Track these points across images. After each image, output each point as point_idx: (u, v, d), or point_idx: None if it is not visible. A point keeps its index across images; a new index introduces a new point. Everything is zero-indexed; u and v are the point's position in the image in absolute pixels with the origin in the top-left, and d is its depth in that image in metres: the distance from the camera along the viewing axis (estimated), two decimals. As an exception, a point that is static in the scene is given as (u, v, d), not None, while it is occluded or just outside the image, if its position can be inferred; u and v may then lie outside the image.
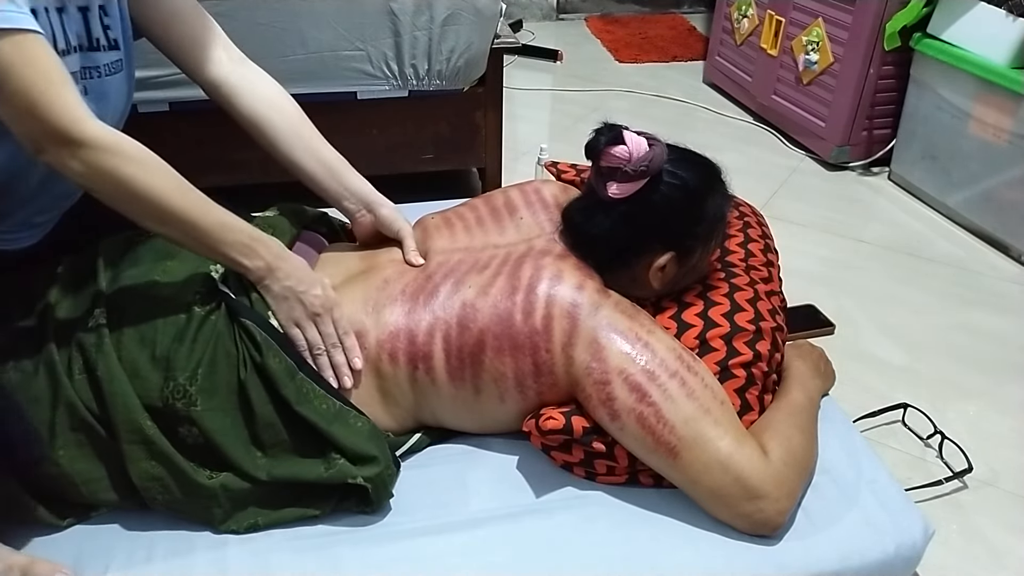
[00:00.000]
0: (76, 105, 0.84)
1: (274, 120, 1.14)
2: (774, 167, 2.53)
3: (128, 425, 0.91)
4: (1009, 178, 2.06)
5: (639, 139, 0.97)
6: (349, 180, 1.17)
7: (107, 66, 1.03)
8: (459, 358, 0.99)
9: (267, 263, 0.97)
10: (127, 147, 0.87)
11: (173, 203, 0.90)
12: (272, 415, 0.95)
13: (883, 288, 1.96)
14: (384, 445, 0.98)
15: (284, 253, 0.99)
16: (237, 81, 1.13)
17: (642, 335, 0.96)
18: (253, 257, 0.96)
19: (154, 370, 0.93)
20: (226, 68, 1.13)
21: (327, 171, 1.16)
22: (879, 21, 2.25)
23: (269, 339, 0.95)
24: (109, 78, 1.04)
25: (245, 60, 1.17)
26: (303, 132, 1.16)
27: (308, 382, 0.96)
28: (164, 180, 0.89)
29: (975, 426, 1.54)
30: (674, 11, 4.09)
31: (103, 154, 0.85)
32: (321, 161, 1.16)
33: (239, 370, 0.94)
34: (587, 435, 0.97)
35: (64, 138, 0.83)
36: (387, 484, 0.96)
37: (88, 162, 0.85)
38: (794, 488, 0.96)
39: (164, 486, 0.92)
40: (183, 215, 0.91)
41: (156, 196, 0.88)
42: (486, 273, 1.02)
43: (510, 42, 1.92)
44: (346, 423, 0.96)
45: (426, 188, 1.94)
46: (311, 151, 1.16)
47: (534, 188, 1.16)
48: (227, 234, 0.94)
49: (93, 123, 0.85)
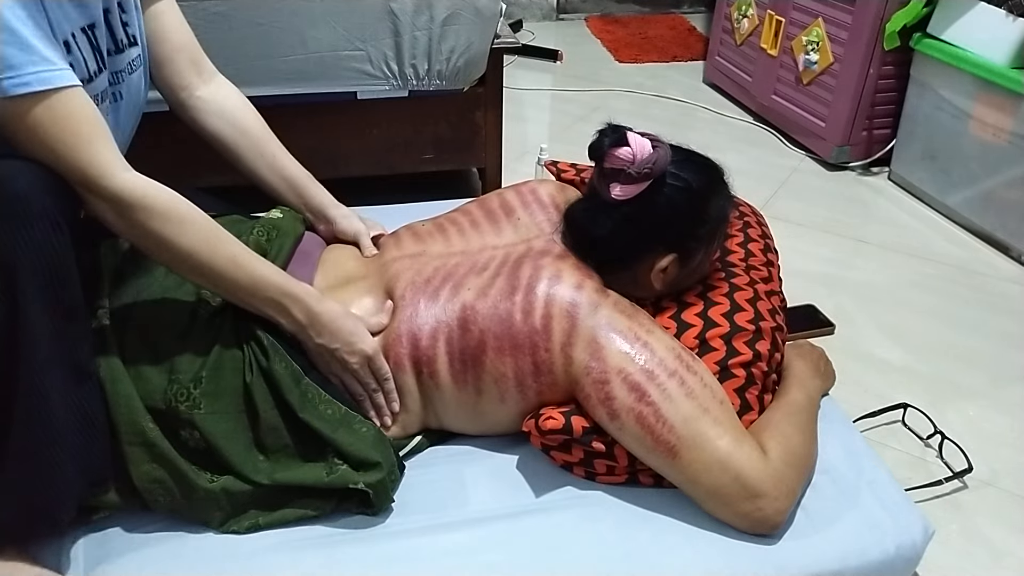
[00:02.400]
0: (108, 162, 0.85)
1: (236, 141, 1.18)
2: (774, 167, 2.53)
3: (130, 427, 0.91)
4: (1009, 178, 2.06)
5: (643, 141, 0.97)
6: (308, 194, 1.22)
7: (130, 64, 1.04)
8: (461, 360, 0.99)
9: (299, 322, 0.97)
10: (156, 202, 0.88)
11: (203, 260, 0.91)
12: (276, 419, 0.95)
13: (883, 288, 1.96)
14: (389, 450, 0.98)
15: (317, 308, 0.97)
16: (203, 106, 1.17)
17: (641, 334, 0.96)
18: (285, 315, 0.96)
19: (157, 372, 0.93)
20: (195, 93, 1.16)
21: (288, 186, 1.21)
22: (879, 21, 2.25)
23: (276, 343, 0.95)
24: (131, 76, 1.05)
25: (214, 76, 1.19)
26: (265, 150, 1.19)
27: (313, 387, 0.96)
28: (193, 237, 0.90)
29: (975, 426, 1.54)
30: (674, 11, 4.09)
31: (132, 210, 0.86)
32: (283, 177, 1.20)
33: (244, 373, 0.94)
34: (587, 435, 0.97)
35: (95, 193, 0.85)
36: (389, 490, 0.96)
37: (119, 215, 0.87)
38: (793, 487, 0.96)
39: (166, 488, 0.92)
40: (212, 272, 0.92)
41: (184, 252, 0.90)
42: (485, 275, 1.02)
43: (510, 42, 1.92)
44: (351, 428, 0.96)
45: (426, 188, 1.95)
46: (273, 168, 1.20)
47: (530, 188, 1.16)
48: (258, 292, 0.94)
49: (122, 178, 0.86)
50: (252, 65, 1.70)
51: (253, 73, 1.71)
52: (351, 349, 0.98)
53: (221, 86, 1.19)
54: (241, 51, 1.68)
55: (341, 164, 1.91)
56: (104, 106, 0.97)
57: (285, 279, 0.97)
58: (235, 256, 0.93)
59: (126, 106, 1.05)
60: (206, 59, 1.18)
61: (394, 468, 0.97)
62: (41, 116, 0.81)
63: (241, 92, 1.22)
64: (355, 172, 1.93)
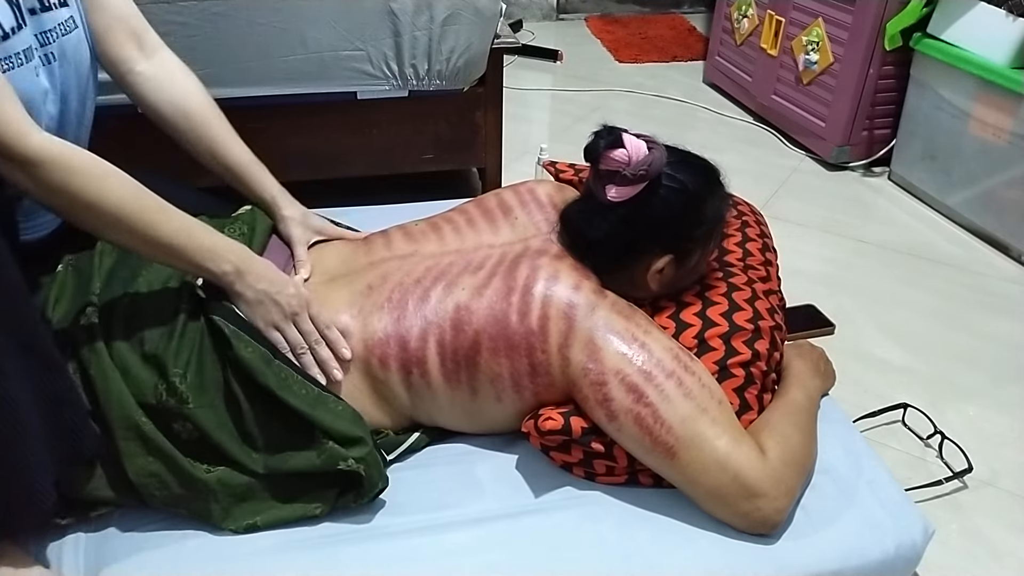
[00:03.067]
0: (16, 121, 0.82)
1: (175, 123, 1.12)
2: (774, 167, 2.53)
3: (123, 422, 0.91)
4: (1009, 178, 2.06)
5: (638, 142, 0.96)
6: (253, 185, 1.16)
7: (61, 25, 0.99)
8: (454, 360, 0.99)
9: (235, 267, 0.96)
10: (74, 159, 0.85)
11: (128, 212, 0.87)
12: (258, 409, 0.95)
13: (883, 288, 1.96)
14: (366, 427, 0.97)
15: (251, 257, 0.98)
16: (143, 82, 1.11)
17: (638, 335, 0.96)
18: (220, 262, 0.95)
19: (145, 368, 0.93)
20: (135, 67, 1.10)
21: (230, 175, 1.16)
22: (879, 21, 2.25)
23: (237, 330, 0.95)
24: (65, 38, 1.00)
25: (158, 51, 1.13)
26: (204, 134, 1.13)
27: (285, 368, 0.96)
28: (117, 190, 0.87)
29: (975, 426, 1.54)
30: (674, 11, 4.09)
31: (50, 170, 0.83)
32: (225, 165, 1.15)
33: (224, 368, 0.95)
34: (586, 435, 0.97)
35: (8, 157, 0.81)
36: (379, 464, 0.95)
37: (37, 178, 0.83)
38: (792, 487, 0.96)
39: (162, 482, 0.92)
40: (140, 225, 0.88)
41: (109, 207, 0.86)
42: (480, 274, 1.01)
43: (510, 42, 1.92)
44: (327, 407, 0.96)
45: (426, 188, 1.94)
46: (211, 154, 1.14)
47: (528, 188, 1.16)
48: (189, 240, 0.92)
49: (36, 138, 0.82)
50: (252, 65, 1.70)
51: (253, 73, 1.71)
52: (286, 291, 0.97)
53: (165, 61, 1.13)
54: (241, 51, 1.68)
55: (341, 164, 1.91)
56: (31, 66, 0.93)
57: (216, 232, 0.96)
58: (163, 207, 0.90)
59: (65, 69, 1.00)
60: (151, 32, 1.12)
61: (375, 445, 0.96)
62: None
63: (191, 71, 1.16)
64: (355, 172, 1.93)
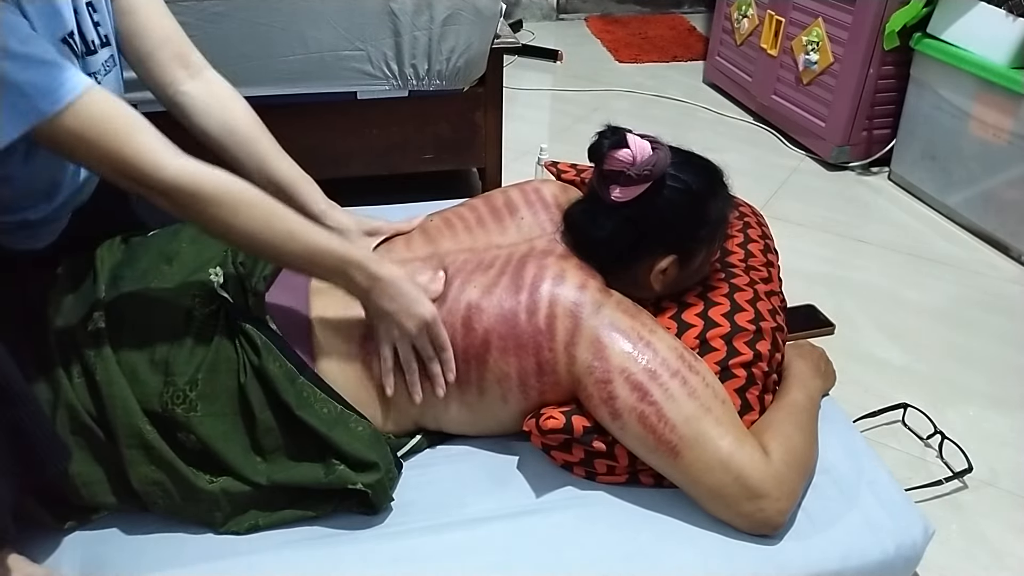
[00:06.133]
0: (151, 151, 0.86)
1: (223, 141, 1.14)
2: (774, 167, 2.53)
3: (128, 430, 0.91)
4: (1009, 178, 2.06)
5: (643, 143, 0.97)
6: (300, 199, 1.16)
7: (104, 65, 1.02)
8: (465, 360, 0.99)
9: (362, 287, 0.97)
10: (207, 189, 0.88)
11: (259, 239, 0.92)
12: (272, 420, 0.95)
13: (883, 288, 1.96)
14: (385, 450, 0.98)
15: (379, 270, 0.97)
16: (189, 102, 1.12)
17: (644, 334, 0.96)
18: (348, 282, 0.96)
19: (153, 374, 0.93)
20: (181, 88, 1.12)
21: (277, 190, 1.15)
22: (879, 21, 2.25)
23: (269, 343, 0.95)
24: (106, 77, 1.03)
25: (203, 71, 1.15)
26: (252, 151, 1.15)
27: (309, 386, 0.95)
28: (248, 218, 0.90)
29: (975, 426, 1.54)
30: (674, 11, 4.09)
31: (186, 200, 0.88)
32: (271, 180, 1.15)
33: (239, 375, 0.94)
34: (587, 434, 0.97)
35: (148, 187, 0.86)
36: (387, 489, 0.96)
37: (174, 205, 0.88)
38: (794, 488, 0.96)
39: (164, 490, 0.92)
40: (271, 248, 0.93)
41: (242, 234, 0.91)
42: (490, 273, 1.02)
43: (510, 42, 1.92)
44: (347, 427, 0.96)
45: (426, 188, 1.94)
46: (260, 171, 1.15)
47: (534, 188, 1.16)
48: (318, 261, 0.95)
49: (172, 167, 0.86)
50: (252, 65, 1.70)
51: (253, 73, 1.71)
52: (410, 312, 0.97)
53: (210, 82, 1.15)
54: (241, 51, 1.68)
55: (341, 164, 1.91)
56: None
57: (343, 246, 0.97)
58: (292, 231, 0.93)
59: None
60: (195, 52, 1.14)
61: (391, 467, 0.97)
62: (75, 127, 0.82)
63: (236, 90, 1.17)
64: (355, 172, 1.93)
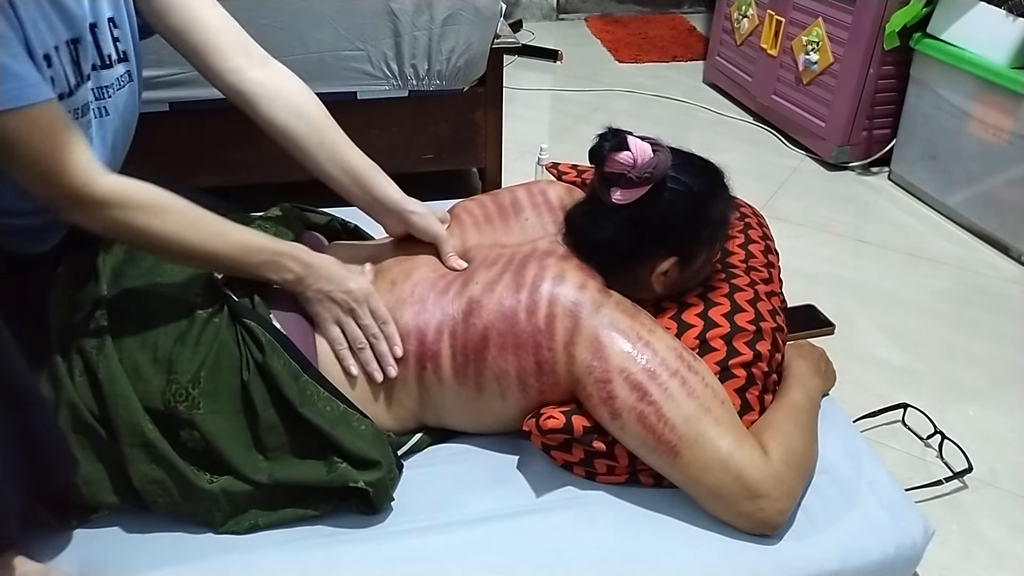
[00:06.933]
0: (84, 168, 0.86)
1: (294, 128, 1.09)
2: (774, 167, 2.53)
3: (129, 428, 0.91)
4: (1009, 178, 2.06)
5: (643, 145, 0.97)
6: (376, 188, 1.11)
7: (117, 80, 1.03)
8: (464, 355, 0.99)
9: (296, 273, 0.98)
10: (137, 197, 0.90)
11: (190, 241, 0.93)
12: (274, 418, 0.95)
13: (883, 288, 1.96)
14: (387, 449, 0.98)
15: (310, 258, 1.00)
16: (256, 89, 1.08)
17: (643, 334, 0.96)
18: (282, 271, 0.98)
19: (156, 372, 0.93)
20: (247, 75, 1.08)
21: (351, 180, 1.11)
22: (879, 21, 2.25)
23: (273, 340, 0.95)
24: (119, 92, 1.03)
25: (268, 62, 1.11)
26: (325, 139, 1.10)
27: (312, 384, 0.96)
28: (177, 222, 0.92)
29: (975, 426, 1.54)
30: (674, 11, 4.09)
31: (116, 210, 0.88)
32: (345, 169, 1.11)
33: (242, 372, 0.94)
34: (587, 434, 0.97)
35: (77, 202, 0.87)
36: (388, 489, 0.96)
37: (103, 219, 0.89)
38: (794, 488, 0.96)
39: (165, 489, 0.92)
40: (203, 250, 0.94)
41: (172, 239, 0.92)
42: (493, 270, 1.02)
43: (510, 42, 1.92)
44: (349, 426, 0.96)
45: (426, 188, 1.94)
46: (334, 160, 1.10)
47: (540, 189, 1.16)
48: (251, 257, 0.97)
49: (102, 182, 0.87)
50: (252, 65, 1.70)
51: (253, 73, 1.70)
52: (347, 287, 1.00)
53: (278, 71, 1.11)
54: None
55: (341, 164, 1.91)
56: (85, 120, 0.97)
57: (273, 240, 1.00)
58: (222, 231, 0.95)
59: (113, 123, 1.03)
60: (254, 43, 1.10)
61: (393, 467, 0.97)
62: (18, 130, 0.82)
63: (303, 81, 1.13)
64: (355, 172, 1.93)
